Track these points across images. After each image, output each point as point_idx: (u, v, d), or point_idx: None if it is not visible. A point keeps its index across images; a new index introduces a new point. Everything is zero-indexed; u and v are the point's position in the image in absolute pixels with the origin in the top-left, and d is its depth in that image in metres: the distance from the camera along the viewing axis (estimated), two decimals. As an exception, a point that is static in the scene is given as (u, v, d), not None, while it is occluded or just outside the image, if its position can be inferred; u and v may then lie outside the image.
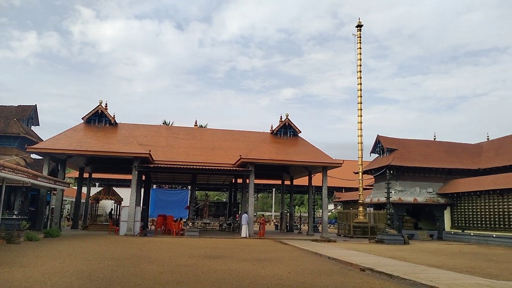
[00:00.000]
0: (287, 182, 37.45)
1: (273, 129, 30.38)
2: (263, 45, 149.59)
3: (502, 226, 25.46)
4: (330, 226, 46.48)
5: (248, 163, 26.16)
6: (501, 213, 25.64)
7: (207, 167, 26.84)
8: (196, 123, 35.36)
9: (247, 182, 28.18)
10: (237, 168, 27.23)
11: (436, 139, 35.87)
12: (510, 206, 24.96)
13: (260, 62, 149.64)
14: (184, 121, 75.33)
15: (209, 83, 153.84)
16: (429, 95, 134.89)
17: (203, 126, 50.00)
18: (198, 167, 26.49)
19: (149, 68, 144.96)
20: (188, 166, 26.27)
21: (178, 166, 26.11)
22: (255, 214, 56.56)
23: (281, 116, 30.30)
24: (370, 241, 25.48)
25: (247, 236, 25.03)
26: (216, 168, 27.28)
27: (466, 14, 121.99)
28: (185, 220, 29.93)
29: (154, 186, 46.48)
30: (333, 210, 54.99)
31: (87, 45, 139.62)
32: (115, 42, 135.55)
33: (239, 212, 30.64)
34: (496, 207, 26.10)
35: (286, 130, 30.00)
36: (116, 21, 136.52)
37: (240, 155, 26.06)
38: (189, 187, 36.89)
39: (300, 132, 30.14)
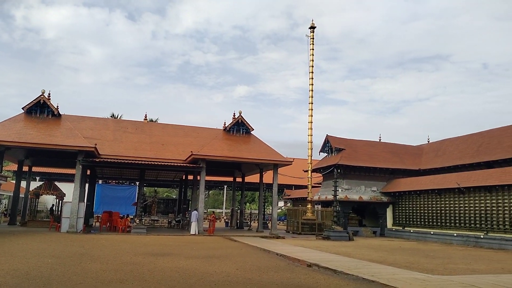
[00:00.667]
0: (239, 179, 37.51)
1: (226, 126, 30.27)
2: (218, 40, 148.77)
3: (439, 223, 27.12)
4: (279, 223, 47.19)
5: (200, 160, 25.87)
6: (438, 211, 27.30)
7: (156, 163, 26.21)
8: (146, 117, 34.37)
9: (198, 178, 27.87)
10: (188, 165, 26.85)
11: (381, 140, 37.50)
12: (447, 205, 26.64)
13: (214, 57, 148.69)
14: (133, 115, 73.31)
15: (161, 77, 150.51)
16: (376, 98, 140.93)
17: (154, 120, 48.74)
18: (146, 162, 25.79)
19: (97, 58, 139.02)
20: (136, 161, 25.50)
21: (126, 161, 25.26)
22: (205, 211, 56.16)
23: (234, 113, 30.28)
24: (317, 238, 26.16)
25: (196, 233, 24.78)
26: (165, 164, 26.72)
27: (412, 22, 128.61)
28: (132, 217, 29.05)
29: (100, 182, 44.73)
30: (283, 207, 55.88)
31: (30, 31, 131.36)
32: (61, 29, 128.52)
33: (189, 209, 30.23)
34: (434, 205, 27.76)
35: (239, 127, 30.00)
36: (63, 7, 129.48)
37: (191, 151, 25.71)
38: (137, 183, 35.84)
39: (253, 129, 30.28)
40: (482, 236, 23.28)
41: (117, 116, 50.74)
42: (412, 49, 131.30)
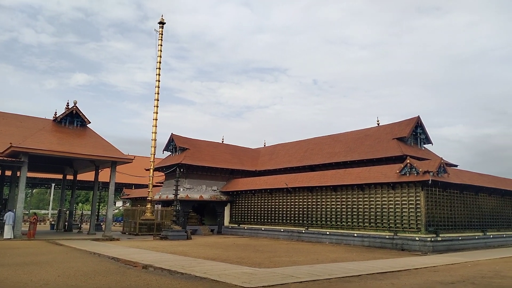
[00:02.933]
0: (70, 177, 34.01)
1: (57, 116, 27.00)
2: (55, 21, 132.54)
3: (269, 220, 29.63)
4: (116, 224, 44.62)
5: (21, 153, 22.48)
6: (269, 209, 29.81)
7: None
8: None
9: (18, 175, 24.15)
10: (6, 158, 23.02)
11: (224, 142, 39.06)
12: (277, 203, 29.30)
13: (49, 39, 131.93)
14: None
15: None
16: (222, 101, 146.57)
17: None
18: None
19: None
20: None
21: None
22: (27, 212, 49.23)
23: (68, 103, 27.30)
24: (154, 238, 25.56)
25: (12, 237, 21.43)
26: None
27: (257, 34, 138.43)
28: None
29: None
30: (121, 208, 52.98)
31: None
32: None
33: (5, 210, 25.93)
34: (266, 204, 30.21)
35: (73, 119, 27.17)
36: None
37: (11, 143, 22.13)
38: None
39: (90, 122, 27.82)
40: (303, 231, 26.34)
41: None
42: (256, 59, 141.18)
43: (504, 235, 25.21)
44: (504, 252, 19.65)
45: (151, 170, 31.83)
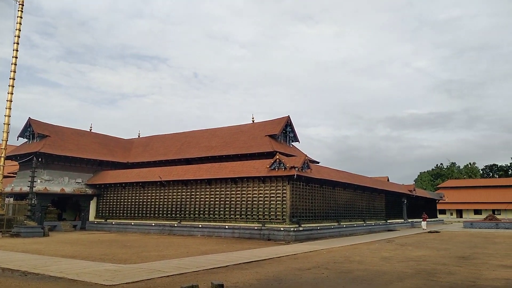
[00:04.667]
0: None
1: None
2: None
3: (140, 214, 28.45)
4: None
5: None
6: (141, 203, 28.63)
7: None
8: None
9: None
10: None
11: (92, 130, 36.10)
12: (149, 197, 28.29)
13: None
14: None
15: None
16: (93, 86, 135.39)
17: None
18: None
19: None
20: None
21: None
22: None
23: None
24: (3, 236, 22.39)
25: None
26: None
27: (137, 19, 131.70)
28: None
29: None
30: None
31: None
32: None
33: None
34: (138, 197, 28.93)
35: None
36: None
37: None
38: None
39: None
40: (176, 225, 25.98)
41: None
42: (135, 45, 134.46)
43: (355, 225, 28.71)
44: (354, 240, 22.35)
45: (2, 159, 27.78)
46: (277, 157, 22.28)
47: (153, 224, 27.16)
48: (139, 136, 39.42)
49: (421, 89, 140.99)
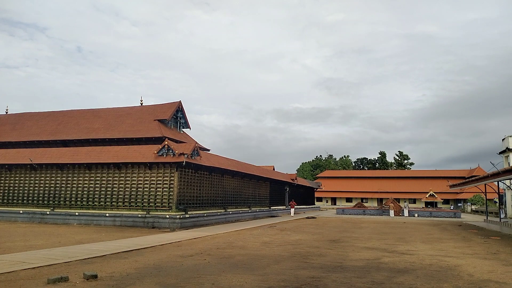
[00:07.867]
0: None
1: None
2: None
3: (5, 201, 25.14)
4: None
5: None
6: (7, 188, 25.29)
7: None
8: None
9: None
10: None
11: None
12: (17, 182, 25.15)
13: None
14: None
15: None
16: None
17: None
18: None
19: None
20: None
21: None
22: None
23: None
24: None
25: None
26: None
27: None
28: None
29: None
30: None
31: None
32: None
33: None
34: (3, 182, 25.49)
35: None
36: None
37: None
38: None
39: None
40: (48, 212, 23.57)
41: None
42: (6, 8, 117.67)
43: (241, 211, 29.56)
44: (239, 226, 22.99)
45: None
46: (166, 143, 21.66)
47: (21, 212, 24.24)
48: (6, 112, 34.71)
49: (306, 85, 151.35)
